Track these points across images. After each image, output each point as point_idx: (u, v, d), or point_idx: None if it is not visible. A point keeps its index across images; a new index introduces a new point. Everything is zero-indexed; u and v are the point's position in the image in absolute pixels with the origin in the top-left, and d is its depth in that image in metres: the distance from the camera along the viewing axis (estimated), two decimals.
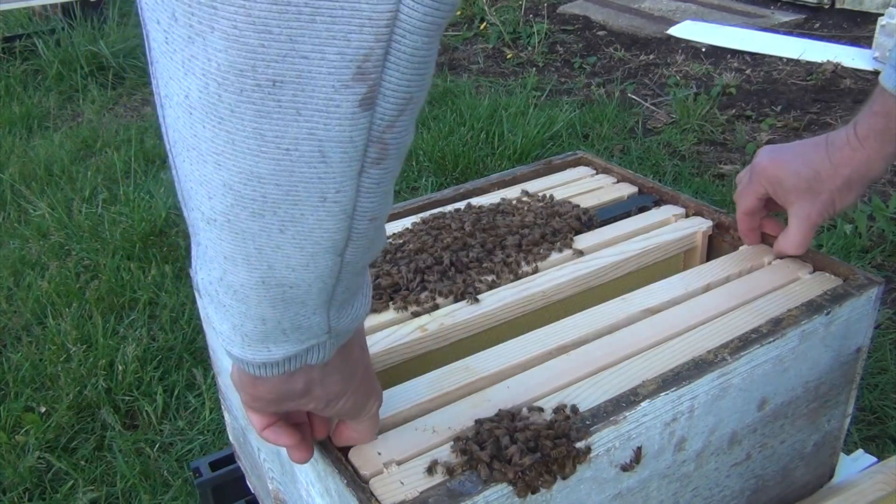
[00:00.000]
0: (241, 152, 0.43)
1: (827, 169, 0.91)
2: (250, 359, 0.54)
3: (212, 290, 0.51)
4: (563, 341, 0.88)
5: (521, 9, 4.30)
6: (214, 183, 0.44)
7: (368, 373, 0.66)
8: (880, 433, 1.60)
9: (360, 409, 0.66)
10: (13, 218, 2.55)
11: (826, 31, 3.81)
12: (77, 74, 3.62)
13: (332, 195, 0.45)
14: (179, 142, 0.45)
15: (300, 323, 0.52)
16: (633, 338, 0.89)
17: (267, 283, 0.49)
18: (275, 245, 0.47)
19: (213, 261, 0.49)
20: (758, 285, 0.97)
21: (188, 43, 0.40)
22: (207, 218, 0.46)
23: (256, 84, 0.40)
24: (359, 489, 0.69)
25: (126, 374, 1.81)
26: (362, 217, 0.48)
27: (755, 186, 0.97)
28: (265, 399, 0.58)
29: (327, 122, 0.42)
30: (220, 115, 0.42)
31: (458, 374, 0.84)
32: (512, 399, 0.80)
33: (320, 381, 0.59)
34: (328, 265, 0.49)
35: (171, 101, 0.43)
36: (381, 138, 0.45)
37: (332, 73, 0.41)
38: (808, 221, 0.94)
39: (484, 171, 2.68)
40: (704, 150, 2.86)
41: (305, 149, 0.43)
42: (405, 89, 0.43)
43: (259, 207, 0.45)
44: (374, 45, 0.41)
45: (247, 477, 1.20)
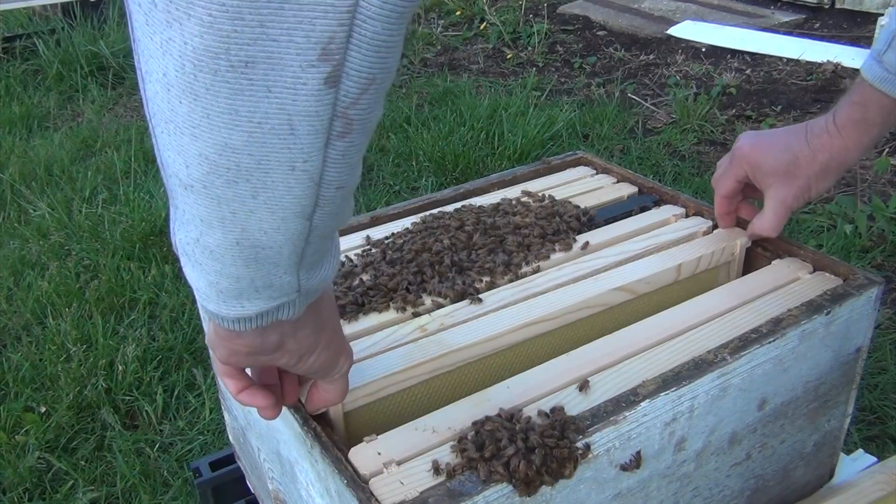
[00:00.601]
0: (215, 126, 0.46)
1: (805, 154, 0.93)
2: (225, 313, 0.57)
3: (189, 250, 0.55)
4: None
5: (521, 9, 4.30)
6: (191, 153, 0.48)
7: (338, 332, 0.70)
8: (880, 433, 1.60)
9: (331, 365, 0.69)
10: (13, 218, 2.55)
11: (826, 31, 3.81)
12: (77, 74, 3.62)
13: (301, 164, 0.49)
14: (158, 114, 0.48)
15: (272, 281, 0.56)
16: (634, 338, 0.89)
17: (241, 244, 0.52)
18: (248, 210, 0.50)
19: (190, 223, 0.53)
20: (758, 285, 0.97)
21: (166, 26, 0.43)
22: (185, 184, 0.50)
23: (230, 65, 0.44)
24: (359, 489, 0.70)
25: (126, 374, 1.81)
26: (329, 185, 0.51)
27: (735, 169, 0.99)
28: (241, 353, 0.62)
29: (295, 98, 0.46)
30: (196, 92, 0.45)
31: (432, 347, 0.86)
32: (512, 399, 0.80)
33: (292, 334, 0.63)
34: (298, 228, 0.53)
35: (151, 77, 0.47)
36: (345, 113, 0.48)
37: (300, 53, 0.44)
38: (784, 205, 0.96)
39: (484, 171, 2.68)
40: (704, 150, 2.86)
41: (276, 122, 0.46)
42: (368, 70, 0.47)
43: (233, 175, 0.48)
44: (336, 29, 0.44)
45: (247, 477, 1.20)
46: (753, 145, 0.97)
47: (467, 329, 0.90)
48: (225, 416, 1.22)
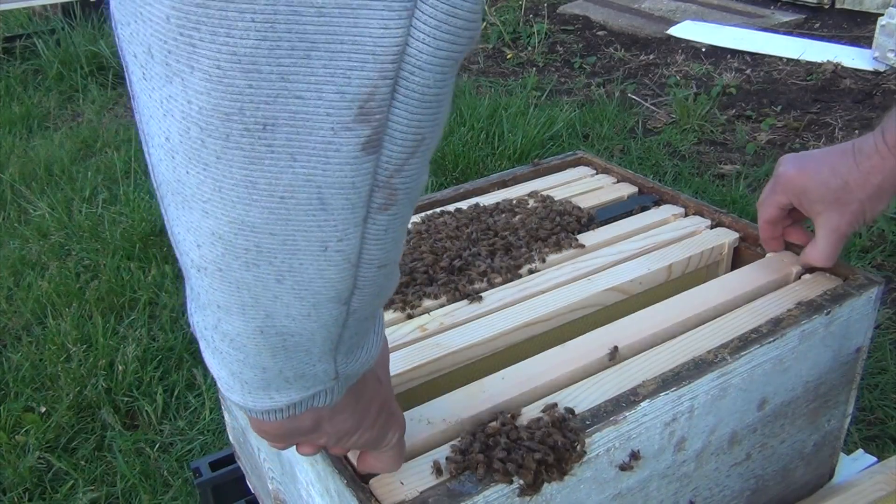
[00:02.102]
0: (229, 201, 0.39)
1: (856, 178, 0.87)
2: (251, 406, 0.51)
3: (207, 336, 0.48)
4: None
5: (521, 9, 4.30)
6: (202, 231, 0.41)
7: (387, 406, 0.62)
8: (880, 433, 1.60)
9: (376, 442, 0.63)
10: (13, 218, 2.55)
11: (826, 31, 3.81)
12: (77, 74, 3.62)
13: (335, 244, 0.41)
14: (164, 184, 0.41)
15: (304, 371, 0.49)
16: (625, 331, 0.89)
17: (265, 333, 0.45)
18: (272, 295, 0.43)
19: (207, 307, 0.46)
20: (750, 279, 0.97)
21: (166, 82, 0.36)
22: (197, 266, 0.43)
23: (245, 128, 0.36)
24: (359, 489, 0.70)
25: (126, 374, 1.81)
26: (369, 265, 0.44)
27: (778, 196, 0.94)
28: (272, 434, 0.56)
29: (326, 167, 0.38)
30: (205, 161, 0.38)
31: (431, 349, 0.86)
32: (506, 391, 0.80)
33: (329, 418, 0.56)
34: (332, 315, 0.45)
35: (153, 141, 0.40)
36: (388, 183, 0.41)
37: (331, 114, 0.37)
38: (838, 233, 0.90)
39: (484, 171, 2.68)
40: (704, 150, 2.86)
41: (302, 196, 0.39)
42: (416, 130, 0.39)
43: (253, 258, 0.41)
44: (378, 83, 0.37)
45: (247, 477, 1.20)
46: (798, 170, 0.91)
47: (467, 329, 0.90)
48: (225, 416, 1.22)
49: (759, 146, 2.85)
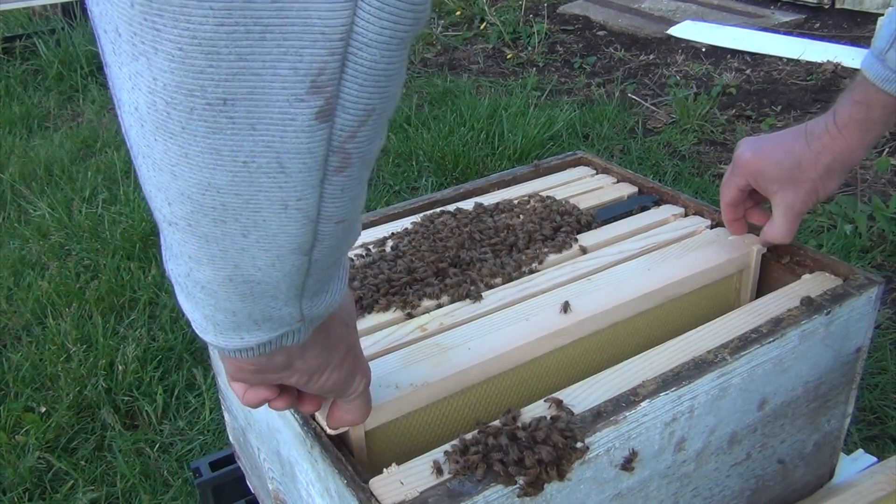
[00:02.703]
0: (196, 166, 0.42)
1: (808, 157, 0.92)
2: (223, 345, 0.54)
3: (181, 282, 0.52)
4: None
5: (521, 9, 4.30)
6: (172, 191, 0.44)
7: (354, 349, 0.66)
8: (880, 433, 1.60)
9: (345, 385, 0.66)
10: (13, 218, 2.55)
11: (826, 31, 3.81)
12: (77, 74, 3.62)
13: (294, 202, 0.45)
14: (135, 147, 0.44)
15: (271, 314, 0.52)
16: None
17: (234, 280, 0.49)
18: (239, 248, 0.46)
19: (179, 258, 0.49)
20: (719, 262, 0.97)
21: (133, 59, 0.39)
22: (169, 221, 0.46)
23: (207, 103, 0.39)
24: (359, 489, 0.70)
25: (126, 374, 1.81)
26: (328, 221, 0.47)
27: (737, 178, 0.98)
28: (247, 370, 0.59)
29: (283, 134, 0.42)
30: (171, 131, 0.41)
31: (429, 349, 0.86)
32: (472, 360, 0.81)
33: (300, 355, 0.59)
34: (295, 264, 0.49)
35: (124, 108, 0.43)
36: (342, 148, 0.44)
37: (286, 87, 0.40)
38: (793, 210, 0.94)
39: (484, 171, 2.68)
40: (704, 150, 2.86)
41: (263, 160, 0.42)
42: (366, 101, 0.43)
43: (219, 215, 0.44)
44: (328, 59, 0.40)
45: (247, 477, 1.20)
46: (754, 152, 0.95)
47: (467, 329, 0.90)
48: (225, 416, 1.22)
49: None
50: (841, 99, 0.92)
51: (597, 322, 0.92)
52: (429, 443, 0.77)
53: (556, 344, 0.89)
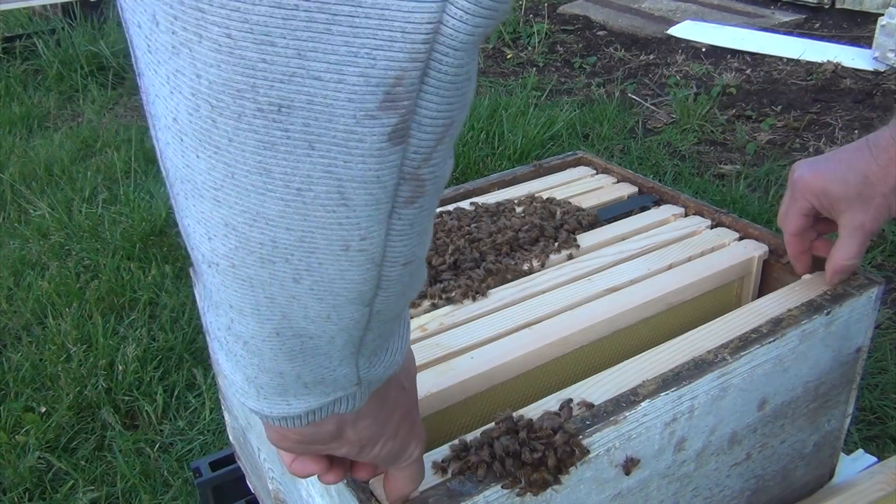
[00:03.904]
0: (243, 189, 0.35)
1: (875, 172, 0.85)
2: (268, 413, 0.47)
3: (221, 337, 0.45)
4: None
5: (521, 9, 4.30)
6: (214, 222, 0.37)
7: (410, 415, 0.58)
8: (880, 433, 1.60)
9: (398, 454, 0.58)
10: (13, 218, 2.55)
11: (826, 31, 3.81)
12: (77, 74, 3.62)
13: (357, 243, 0.38)
14: (173, 170, 0.37)
15: (323, 376, 0.45)
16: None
17: (282, 335, 0.42)
18: (289, 295, 0.39)
19: (219, 307, 0.42)
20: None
21: (173, 54, 0.33)
22: (209, 261, 0.39)
23: (258, 108, 0.33)
24: (359, 489, 0.69)
25: (126, 374, 1.81)
26: (394, 263, 0.40)
27: (800, 203, 0.91)
28: (292, 440, 0.52)
29: (347, 158, 0.35)
30: (216, 143, 0.34)
31: (429, 349, 0.86)
32: (475, 370, 0.81)
33: (352, 424, 0.52)
34: (354, 317, 0.42)
35: (160, 123, 0.36)
36: (415, 174, 0.37)
37: (353, 99, 0.33)
38: (863, 229, 0.88)
39: (484, 171, 2.68)
40: (704, 150, 2.86)
41: (321, 189, 0.35)
42: (446, 115, 0.36)
43: (268, 253, 0.37)
44: (407, 66, 0.33)
45: (247, 477, 1.20)
46: (814, 172, 0.89)
47: (468, 329, 0.90)
48: (225, 416, 1.22)
49: (759, 146, 2.85)
50: None
51: (598, 330, 0.91)
52: (431, 447, 0.77)
53: (559, 352, 0.89)
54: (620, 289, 0.97)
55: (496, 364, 0.85)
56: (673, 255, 1.03)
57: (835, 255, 0.91)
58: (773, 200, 2.44)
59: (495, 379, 0.85)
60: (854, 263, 0.91)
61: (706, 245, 1.05)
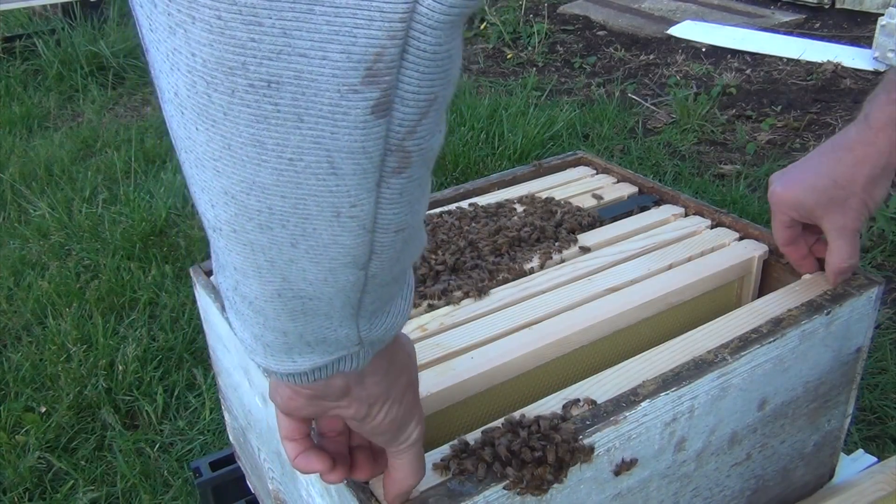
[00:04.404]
0: (239, 160, 0.38)
1: (842, 173, 0.87)
2: (275, 368, 0.49)
3: (230, 297, 0.47)
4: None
5: (521, 9, 4.30)
6: (215, 190, 0.40)
7: (414, 386, 0.60)
8: (880, 433, 1.60)
9: (399, 427, 0.59)
10: (13, 218, 2.55)
11: (826, 31, 3.81)
12: (77, 74, 3.62)
13: (347, 209, 0.40)
14: (178, 140, 0.40)
15: (325, 335, 0.47)
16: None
17: (283, 296, 0.44)
18: (287, 259, 0.42)
19: (226, 269, 0.45)
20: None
21: (170, 34, 0.35)
22: (213, 226, 0.42)
23: (249, 84, 0.35)
24: (359, 489, 0.69)
25: (126, 374, 1.81)
26: (385, 230, 0.43)
27: (779, 217, 0.93)
28: (302, 397, 0.54)
29: (334, 130, 0.37)
30: (213, 117, 0.37)
31: (429, 349, 0.86)
32: (475, 369, 0.81)
33: (360, 381, 0.54)
34: (350, 279, 0.44)
35: (164, 96, 0.39)
36: (401, 146, 0.39)
37: (337, 74, 0.35)
38: (846, 230, 0.89)
39: (484, 171, 2.68)
40: (704, 150, 2.86)
41: (311, 159, 0.38)
42: (428, 90, 0.38)
43: (266, 220, 0.40)
44: (386, 44, 0.35)
45: (247, 477, 1.20)
46: (783, 186, 0.91)
47: (468, 329, 0.90)
48: (225, 416, 1.22)
49: (759, 146, 2.85)
50: (871, 103, 0.86)
51: (598, 330, 0.91)
52: (431, 447, 0.77)
53: (559, 352, 0.89)
54: (620, 289, 0.97)
55: (496, 364, 0.85)
56: (673, 255, 1.03)
57: (831, 260, 0.92)
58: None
59: (495, 379, 0.85)
60: (851, 264, 0.92)
61: (706, 245, 1.05)
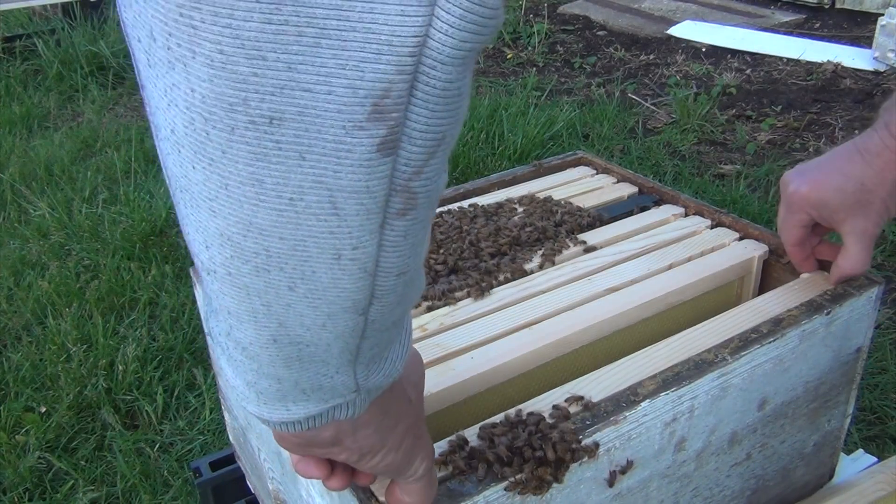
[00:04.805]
0: (236, 200, 0.36)
1: (870, 177, 0.86)
2: (267, 417, 0.48)
3: (222, 343, 0.46)
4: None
5: (521, 9, 4.30)
6: (210, 231, 0.38)
7: (415, 429, 0.57)
8: (880, 433, 1.60)
9: (402, 468, 0.57)
10: (13, 218, 2.55)
11: (826, 31, 3.81)
12: (77, 74, 3.62)
13: (349, 252, 0.39)
14: (173, 179, 0.39)
15: (321, 383, 0.46)
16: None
17: (279, 342, 0.43)
18: (284, 303, 0.41)
19: (219, 313, 0.44)
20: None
21: (169, 69, 0.34)
22: (207, 268, 0.41)
23: (250, 121, 0.34)
24: (359, 489, 0.69)
25: (126, 374, 1.81)
26: (387, 274, 0.41)
27: (798, 216, 0.92)
28: (291, 442, 0.53)
29: (338, 168, 0.36)
30: (210, 156, 0.35)
31: (429, 349, 0.86)
32: (475, 369, 0.81)
33: (351, 433, 0.52)
34: (349, 325, 0.43)
35: (160, 133, 0.37)
36: (406, 187, 0.38)
37: (342, 110, 0.34)
38: (867, 235, 0.89)
39: (484, 171, 2.68)
40: (704, 150, 2.86)
41: (312, 199, 0.36)
42: (436, 129, 0.37)
43: (263, 262, 0.39)
44: (394, 79, 0.34)
45: (247, 477, 1.20)
46: (810, 185, 0.89)
47: (468, 329, 0.90)
48: (225, 416, 1.22)
49: (759, 146, 2.85)
50: (891, 111, 0.85)
51: (598, 330, 0.91)
52: None
53: (559, 352, 0.89)
54: (620, 289, 0.97)
55: (496, 364, 0.85)
56: (673, 255, 1.03)
57: (843, 265, 0.92)
58: (774, 200, 2.44)
59: (495, 379, 0.85)
60: (861, 271, 0.92)
61: (706, 245, 1.05)
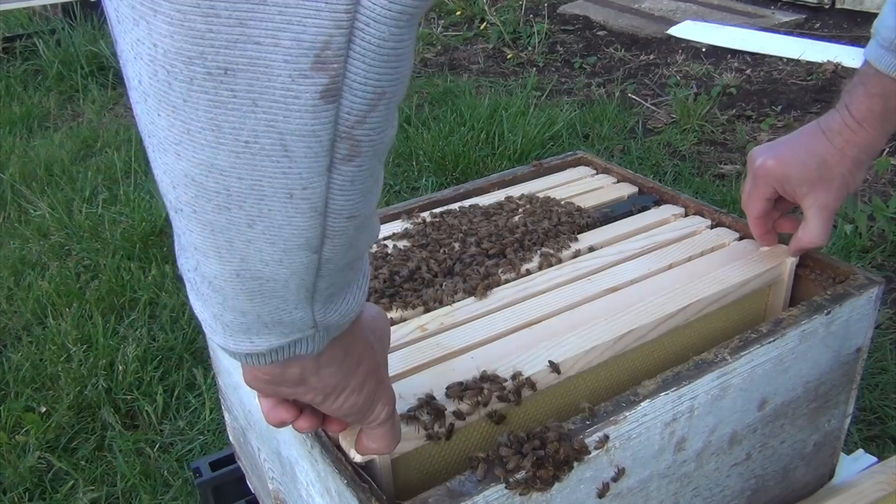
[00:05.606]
0: (198, 143, 0.40)
1: (832, 154, 0.91)
2: (234, 349, 0.52)
3: (191, 278, 0.49)
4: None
5: (521, 9, 4.30)
6: (176, 172, 0.42)
7: (377, 374, 0.61)
8: (880, 433, 1.59)
9: (363, 411, 0.61)
10: (13, 218, 2.55)
11: (826, 31, 3.81)
12: (77, 74, 3.62)
13: (300, 192, 0.43)
14: (142, 126, 0.43)
15: (281, 317, 0.50)
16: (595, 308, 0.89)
17: (241, 276, 0.46)
18: (245, 239, 0.44)
19: (187, 249, 0.47)
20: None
21: (134, 25, 0.38)
22: (174, 207, 0.44)
23: (207, 72, 0.38)
24: (359, 489, 0.69)
25: (126, 374, 1.81)
26: (337, 216, 0.45)
27: (762, 189, 0.96)
28: (261, 380, 0.56)
29: (287, 113, 0.40)
30: (173, 104, 0.39)
31: (429, 349, 0.86)
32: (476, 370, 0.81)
33: (315, 371, 0.56)
34: (303, 262, 0.46)
35: (130, 84, 0.41)
36: (350, 134, 0.42)
37: (289, 60, 0.38)
38: (827, 209, 0.93)
39: (484, 171, 2.68)
40: (704, 150, 2.86)
41: (266, 142, 0.40)
42: (375, 83, 0.41)
43: (224, 201, 0.43)
44: (333, 33, 0.38)
45: (247, 477, 1.20)
46: (776, 159, 0.93)
47: (468, 329, 0.90)
48: (225, 416, 1.22)
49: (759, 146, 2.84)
50: (851, 94, 0.91)
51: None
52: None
53: None
54: (620, 289, 0.97)
55: (496, 364, 0.84)
56: (673, 255, 1.03)
57: (803, 237, 0.95)
58: None
59: None
60: (820, 242, 0.95)
61: (706, 245, 1.05)
